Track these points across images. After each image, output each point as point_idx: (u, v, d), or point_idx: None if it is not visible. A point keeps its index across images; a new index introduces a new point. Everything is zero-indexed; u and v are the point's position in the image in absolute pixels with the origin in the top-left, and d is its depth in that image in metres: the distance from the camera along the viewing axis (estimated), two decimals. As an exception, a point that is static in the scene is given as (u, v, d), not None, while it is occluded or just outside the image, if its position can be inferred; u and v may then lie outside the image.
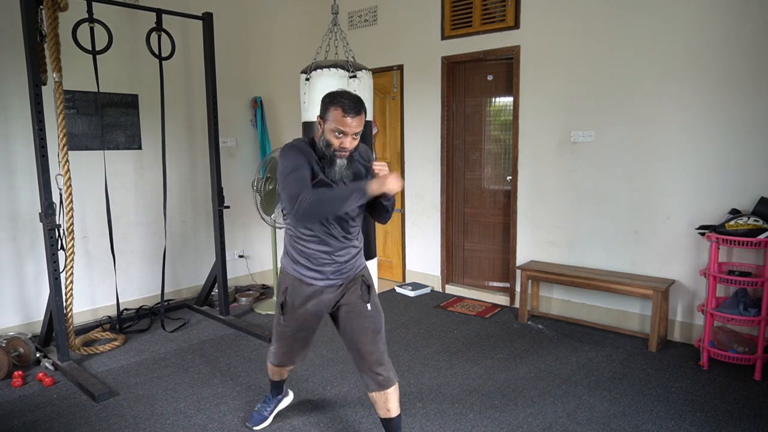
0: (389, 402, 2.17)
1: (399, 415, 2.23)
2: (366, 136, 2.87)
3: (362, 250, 2.25)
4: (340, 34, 3.05)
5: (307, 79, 2.78)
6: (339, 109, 1.90)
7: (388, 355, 2.21)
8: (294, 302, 2.16)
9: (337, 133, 1.92)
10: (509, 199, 4.38)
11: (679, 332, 3.58)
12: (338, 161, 1.96)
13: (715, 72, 3.29)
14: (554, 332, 3.78)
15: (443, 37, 4.55)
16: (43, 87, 3.10)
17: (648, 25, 3.50)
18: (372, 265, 2.91)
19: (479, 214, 4.66)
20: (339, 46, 3.10)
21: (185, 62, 4.44)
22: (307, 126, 2.83)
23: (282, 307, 2.20)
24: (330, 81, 2.73)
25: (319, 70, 2.74)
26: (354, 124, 1.92)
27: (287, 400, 2.68)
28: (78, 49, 3.34)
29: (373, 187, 1.87)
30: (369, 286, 2.18)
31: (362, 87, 2.79)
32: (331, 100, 1.93)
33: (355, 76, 2.74)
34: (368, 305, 2.15)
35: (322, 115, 1.96)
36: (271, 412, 2.58)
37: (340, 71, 2.73)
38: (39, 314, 3.69)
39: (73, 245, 3.34)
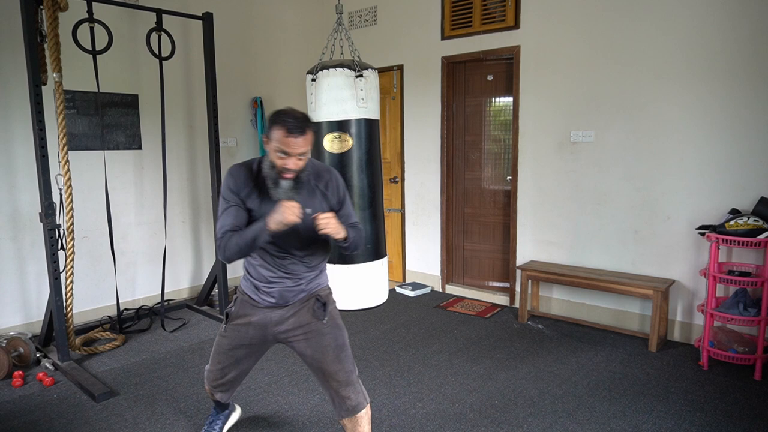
0: (359, 426, 2.02)
1: None
2: (373, 135, 2.86)
3: (322, 273, 2.13)
4: (345, 34, 3.04)
5: (314, 80, 2.77)
6: (282, 129, 1.78)
7: (357, 375, 2.05)
8: (239, 313, 2.09)
9: (280, 154, 1.81)
10: (509, 199, 4.38)
11: (679, 332, 3.58)
12: (283, 182, 1.84)
13: (715, 72, 3.29)
14: (554, 332, 3.78)
15: (443, 37, 4.55)
16: (43, 87, 3.10)
17: (648, 24, 3.50)
18: (382, 265, 2.89)
19: (479, 214, 4.66)
20: (344, 45, 3.09)
21: (185, 62, 4.44)
22: (315, 127, 2.83)
23: (227, 316, 2.13)
24: (336, 81, 2.72)
25: (325, 71, 2.73)
26: (298, 144, 1.79)
27: (235, 415, 2.54)
28: (78, 49, 3.34)
29: (271, 225, 1.80)
30: (324, 303, 2.05)
31: (369, 86, 2.78)
32: (275, 118, 1.83)
33: (361, 76, 2.73)
34: (324, 320, 2.02)
35: (267, 134, 1.85)
36: (221, 429, 2.43)
37: (347, 71, 2.72)
38: (39, 314, 3.69)
39: (73, 245, 3.34)
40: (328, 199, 2.01)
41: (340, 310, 2.82)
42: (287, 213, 1.77)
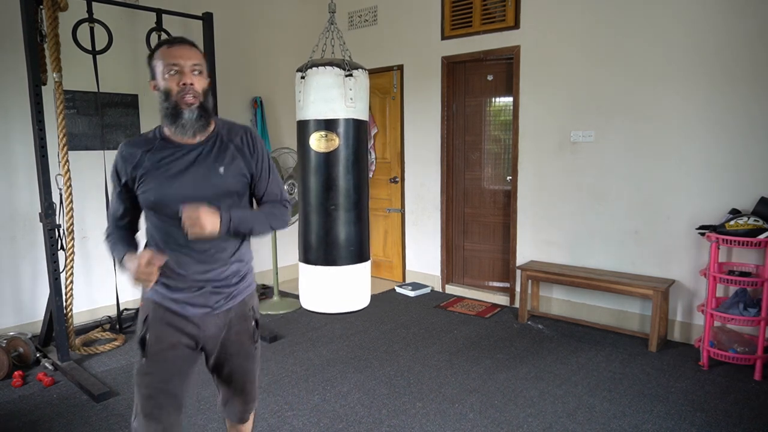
0: (243, 429, 1.91)
1: None
2: (360, 136, 2.84)
3: (249, 270, 1.75)
4: (337, 33, 3.04)
5: (303, 77, 2.76)
6: (163, 47, 1.52)
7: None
8: (160, 338, 1.58)
9: (171, 72, 1.49)
10: (509, 199, 4.38)
11: (679, 332, 3.58)
12: (185, 112, 1.49)
13: (715, 72, 3.29)
14: (554, 332, 3.78)
15: (443, 37, 4.55)
16: (43, 87, 3.10)
17: (648, 25, 3.50)
18: (365, 268, 2.86)
19: (479, 214, 4.66)
20: (335, 45, 3.09)
21: (185, 62, 4.43)
22: (302, 125, 2.81)
23: (143, 346, 1.58)
24: (325, 79, 2.71)
25: (314, 68, 2.73)
26: (185, 52, 1.51)
27: None
28: (78, 49, 3.34)
29: (123, 268, 1.53)
30: (257, 320, 1.75)
31: (358, 86, 2.77)
32: (151, 52, 1.55)
33: (351, 75, 2.72)
34: (256, 346, 1.76)
35: (152, 74, 1.54)
36: None
37: (336, 69, 2.71)
38: (39, 314, 3.69)
39: (73, 245, 3.34)
40: (246, 158, 1.62)
41: (321, 314, 2.78)
42: (139, 273, 1.42)
